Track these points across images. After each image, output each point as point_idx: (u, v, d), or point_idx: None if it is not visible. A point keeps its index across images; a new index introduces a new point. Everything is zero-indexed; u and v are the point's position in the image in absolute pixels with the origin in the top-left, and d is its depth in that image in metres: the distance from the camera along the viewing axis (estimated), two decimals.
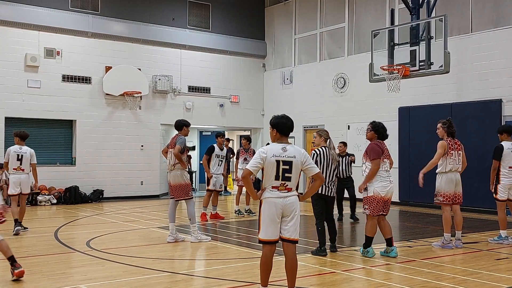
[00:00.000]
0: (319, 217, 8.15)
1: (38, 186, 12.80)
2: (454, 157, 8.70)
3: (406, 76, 13.18)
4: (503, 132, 9.39)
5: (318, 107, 18.22)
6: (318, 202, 8.12)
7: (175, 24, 18.56)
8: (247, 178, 5.35)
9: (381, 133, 8.00)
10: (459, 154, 8.79)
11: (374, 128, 8.02)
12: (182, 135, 9.29)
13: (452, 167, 8.67)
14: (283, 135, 5.50)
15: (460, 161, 8.78)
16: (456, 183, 8.72)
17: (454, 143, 8.79)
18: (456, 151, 8.76)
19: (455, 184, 8.71)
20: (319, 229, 8.04)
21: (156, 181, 18.01)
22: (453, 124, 8.92)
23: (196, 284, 6.48)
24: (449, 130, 8.84)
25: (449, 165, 8.65)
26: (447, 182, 8.66)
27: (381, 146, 7.89)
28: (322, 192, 8.05)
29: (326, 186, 8.11)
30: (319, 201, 8.12)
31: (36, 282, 6.43)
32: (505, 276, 6.73)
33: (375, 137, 8.00)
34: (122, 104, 17.29)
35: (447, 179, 8.66)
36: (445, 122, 8.91)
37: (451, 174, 8.68)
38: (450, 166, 8.65)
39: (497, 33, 13.78)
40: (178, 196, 9.21)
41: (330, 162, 8.18)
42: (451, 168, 8.67)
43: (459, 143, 8.87)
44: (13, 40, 15.60)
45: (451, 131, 8.85)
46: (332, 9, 18.21)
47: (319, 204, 8.14)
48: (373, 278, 6.66)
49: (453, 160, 8.68)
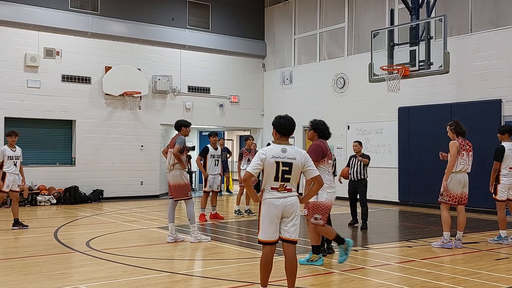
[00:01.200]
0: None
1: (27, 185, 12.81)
2: (465, 157, 8.66)
3: (406, 76, 13.19)
4: (505, 132, 9.30)
5: (318, 107, 18.22)
6: None
7: (174, 24, 18.56)
8: (248, 180, 5.34)
9: (321, 131, 7.54)
10: (470, 156, 8.76)
11: (313, 126, 7.59)
12: (181, 135, 9.29)
13: (462, 167, 8.64)
14: (283, 135, 5.48)
15: (470, 162, 8.74)
16: (464, 184, 8.70)
17: (466, 143, 8.75)
18: (467, 152, 8.73)
19: (463, 185, 8.68)
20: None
21: (156, 181, 18.00)
22: (460, 124, 8.84)
23: (195, 284, 6.47)
24: (456, 130, 8.78)
25: (459, 165, 8.61)
26: (456, 183, 8.62)
27: (323, 146, 7.36)
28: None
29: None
30: None
31: (36, 282, 6.42)
32: (504, 276, 6.73)
33: (316, 137, 7.57)
34: (121, 104, 17.29)
35: (456, 179, 8.61)
36: (452, 123, 8.88)
37: (460, 174, 8.64)
38: (460, 167, 8.62)
39: (497, 33, 13.78)
40: (177, 196, 9.20)
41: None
42: (461, 169, 8.63)
43: (470, 144, 8.84)
44: (13, 40, 15.60)
45: (459, 130, 8.77)
46: (332, 9, 18.21)
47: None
48: (373, 278, 6.66)
49: (463, 161, 8.64)
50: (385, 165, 15.95)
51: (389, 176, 15.87)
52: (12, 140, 10.70)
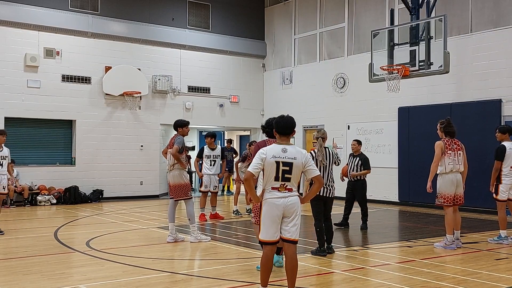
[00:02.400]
0: (317, 218, 8.12)
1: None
2: (453, 157, 8.56)
3: (405, 76, 13.19)
4: (507, 131, 9.22)
5: (318, 107, 18.22)
6: (317, 202, 8.07)
7: (174, 24, 18.56)
8: (249, 180, 5.33)
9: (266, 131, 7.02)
10: (459, 155, 8.66)
11: (263, 125, 7.11)
12: (180, 136, 9.29)
13: (452, 167, 8.56)
14: (282, 135, 5.48)
15: (461, 162, 8.62)
16: (457, 184, 8.60)
17: (454, 143, 8.68)
18: (455, 151, 8.64)
19: (456, 185, 8.58)
20: (318, 230, 8.00)
21: (155, 181, 18.00)
22: (451, 123, 8.75)
23: (195, 284, 6.47)
24: (446, 130, 8.70)
25: (448, 166, 8.54)
26: (447, 184, 8.54)
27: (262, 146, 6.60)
28: (320, 193, 7.97)
29: (324, 187, 8.06)
30: (318, 202, 8.06)
31: (36, 282, 6.42)
32: (504, 276, 6.73)
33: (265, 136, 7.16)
34: (121, 104, 17.29)
35: (448, 180, 8.53)
36: (443, 122, 8.80)
37: (451, 175, 8.57)
38: (450, 167, 8.54)
39: (497, 33, 13.78)
40: (177, 196, 9.20)
41: (329, 162, 8.15)
42: (452, 169, 8.56)
43: (459, 144, 8.73)
44: (13, 40, 15.59)
45: (448, 130, 8.68)
46: (332, 9, 18.21)
47: (318, 205, 8.10)
48: (373, 278, 6.65)
49: (452, 160, 8.55)
50: (385, 165, 15.94)
51: (389, 176, 15.87)
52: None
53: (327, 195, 8.13)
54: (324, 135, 8.28)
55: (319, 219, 8.10)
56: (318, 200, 8.00)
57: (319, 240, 8.01)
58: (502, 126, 9.58)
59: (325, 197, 8.11)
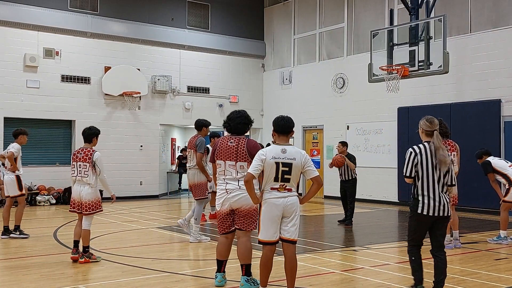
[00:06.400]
0: (413, 241, 5.63)
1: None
2: None
3: (405, 76, 13.19)
4: (482, 155, 9.53)
5: (317, 107, 18.23)
6: (418, 223, 5.53)
7: (174, 24, 18.56)
8: (250, 182, 5.34)
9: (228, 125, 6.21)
10: (452, 155, 8.62)
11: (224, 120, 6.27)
12: (201, 137, 9.34)
13: None
14: (281, 135, 5.49)
15: (454, 162, 8.55)
16: None
17: (447, 143, 8.60)
18: (449, 152, 8.62)
19: None
20: (413, 259, 5.65)
21: (155, 181, 18.00)
22: (444, 124, 8.74)
23: (195, 284, 6.47)
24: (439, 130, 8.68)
25: None
26: None
27: (222, 144, 6.03)
28: (423, 211, 5.40)
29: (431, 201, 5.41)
30: (419, 223, 5.52)
31: (36, 282, 6.42)
32: (504, 276, 6.73)
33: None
34: (121, 104, 17.29)
35: None
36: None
37: None
38: None
39: (496, 33, 13.79)
40: (196, 195, 9.29)
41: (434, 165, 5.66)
42: None
43: (453, 144, 8.64)
44: (12, 40, 15.59)
45: (441, 131, 8.68)
46: (331, 9, 18.21)
47: (419, 225, 5.55)
48: (373, 278, 6.66)
49: None
50: (384, 165, 15.95)
51: (388, 176, 15.88)
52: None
53: (437, 214, 5.42)
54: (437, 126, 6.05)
55: (417, 244, 5.66)
56: (420, 219, 5.48)
57: (415, 274, 5.66)
58: (476, 153, 9.73)
59: (432, 216, 5.42)
